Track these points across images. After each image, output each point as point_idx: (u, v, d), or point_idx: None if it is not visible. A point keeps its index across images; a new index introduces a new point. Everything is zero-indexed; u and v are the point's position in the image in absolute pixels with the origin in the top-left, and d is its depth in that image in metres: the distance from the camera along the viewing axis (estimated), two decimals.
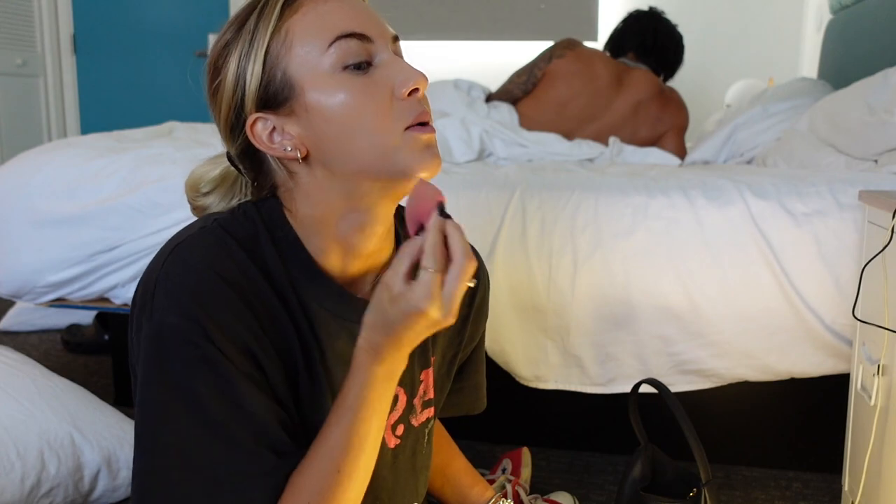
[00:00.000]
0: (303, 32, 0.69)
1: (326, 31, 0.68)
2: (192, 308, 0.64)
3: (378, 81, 0.69)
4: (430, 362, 0.88)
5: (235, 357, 0.65)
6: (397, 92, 0.69)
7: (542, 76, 2.26)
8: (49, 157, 1.71)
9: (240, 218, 0.74)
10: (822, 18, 3.24)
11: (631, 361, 1.46)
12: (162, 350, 0.65)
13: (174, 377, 0.64)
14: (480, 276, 0.95)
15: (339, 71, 0.68)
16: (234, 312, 0.66)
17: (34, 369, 1.42)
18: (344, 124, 0.68)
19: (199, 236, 0.70)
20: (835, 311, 1.38)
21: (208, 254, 0.68)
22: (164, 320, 0.64)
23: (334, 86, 0.68)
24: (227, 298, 0.66)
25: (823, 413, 1.52)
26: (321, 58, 0.68)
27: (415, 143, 0.70)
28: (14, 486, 1.17)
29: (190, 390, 0.64)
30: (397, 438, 0.84)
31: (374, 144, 0.69)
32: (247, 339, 0.66)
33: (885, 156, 1.55)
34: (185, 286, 0.65)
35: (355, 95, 0.68)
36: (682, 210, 1.44)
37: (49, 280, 1.65)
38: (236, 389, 0.65)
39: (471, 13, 4.01)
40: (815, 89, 2.21)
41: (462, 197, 1.51)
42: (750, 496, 1.50)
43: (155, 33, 4.07)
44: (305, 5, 0.70)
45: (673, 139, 2.26)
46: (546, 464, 1.60)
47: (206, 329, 0.64)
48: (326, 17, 0.69)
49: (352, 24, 0.69)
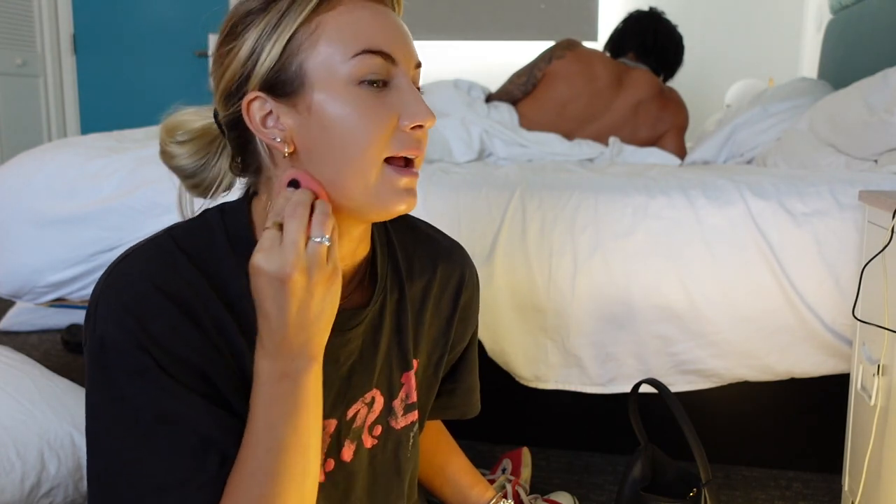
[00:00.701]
0: (332, 32, 0.67)
1: (355, 40, 0.67)
2: (129, 320, 0.65)
3: (388, 105, 0.68)
4: (410, 365, 0.86)
5: (172, 368, 0.65)
6: (402, 122, 0.69)
7: (541, 77, 2.26)
8: (49, 157, 1.71)
9: (197, 229, 0.73)
10: (822, 18, 3.24)
11: (631, 361, 1.46)
12: (101, 361, 0.65)
13: (114, 388, 0.65)
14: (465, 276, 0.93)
15: (355, 83, 0.67)
16: (171, 325, 0.66)
17: (34, 369, 1.42)
18: (340, 137, 0.67)
19: (146, 249, 0.70)
20: (835, 311, 1.38)
21: (150, 267, 0.68)
22: (103, 332, 0.65)
23: (345, 97, 0.67)
24: (164, 311, 0.66)
25: (823, 413, 1.52)
26: (342, 64, 0.67)
27: (392, 184, 0.69)
28: (14, 486, 1.17)
29: (128, 401, 0.65)
30: (374, 439, 0.83)
31: (358, 167, 0.68)
32: (184, 352, 0.66)
33: (885, 156, 1.55)
34: (123, 299, 0.66)
35: (362, 112, 0.67)
36: (682, 210, 1.44)
37: (49, 280, 1.65)
38: (173, 400, 0.65)
39: (471, 13, 4.01)
40: (815, 89, 2.20)
41: (462, 197, 1.51)
42: (750, 496, 1.50)
43: (155, 33, 4.07)
44: (344, 4, 0.68)
45: (673, 139, 2.27)
46: (546, 464, 1.60)
47: (142, 341, 0.64)
48: (359, 25, 0.68)
49: (381, 41, 0.68)
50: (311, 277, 0.62)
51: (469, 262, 0.95)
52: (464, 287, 0.93)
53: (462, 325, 0.95)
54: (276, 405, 0.65)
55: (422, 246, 0.90)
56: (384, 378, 0.83)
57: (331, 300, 0.65)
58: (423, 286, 0.89)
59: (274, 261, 0.62)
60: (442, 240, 0.94)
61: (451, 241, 0.95)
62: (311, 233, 0.63)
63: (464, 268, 0.94)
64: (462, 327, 0.95)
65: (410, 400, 0.87)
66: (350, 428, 0.81)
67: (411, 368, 0.86)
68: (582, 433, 1.67)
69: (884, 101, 1.57)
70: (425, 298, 0.89)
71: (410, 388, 0.87)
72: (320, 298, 0.64)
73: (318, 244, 0.63)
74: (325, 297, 0.64)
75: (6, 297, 1.74)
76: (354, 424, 0.81)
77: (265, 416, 0.65)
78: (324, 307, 0.65)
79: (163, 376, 0.65)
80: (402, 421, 0.86)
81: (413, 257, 0.88)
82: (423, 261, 0.89)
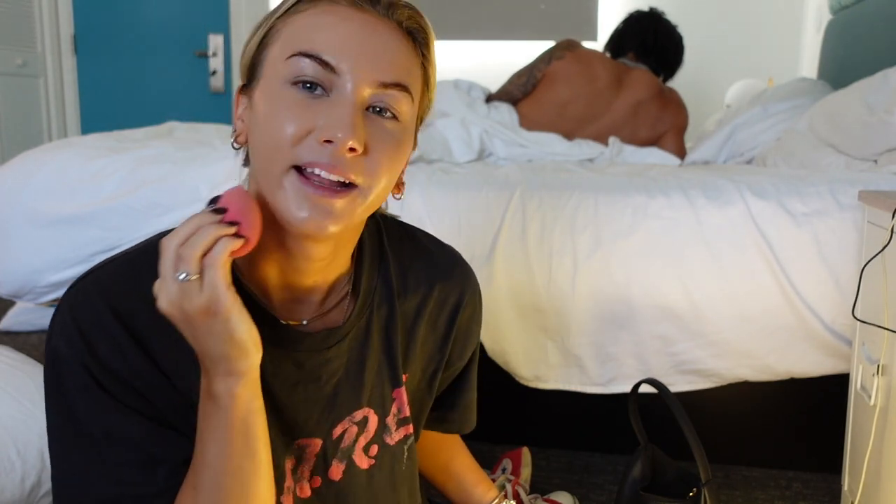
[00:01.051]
0: (288, 32, 0.67)
1: (297, 41, 0.65)
2: (77, 339, 0.66)
3: (311, 111, 0.64)
4: (401, 381, 0.83)
5: (115, 389, 0.66)
6: (315, 132, 0.63)
7: (541, 77, 2.26)
8: (49, 157, 1.71)
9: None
10: (822, 18, 3.24)
11: (631, 361, 1.46)
12: (52, 372, 0.67)
13: (64, 400, 0.66)
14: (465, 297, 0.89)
15: (288, 84, 0.64)
16: (116, 348, 0.66)
17: (34, 369, 1.42)
18: (259, 133, 0.66)
19: (114, 265, 0.70)
20: (835, 310, 1.38)
21: (109, 286, 0.68)
22: (56, 345, 0.66)
23: (274, 95, 0.65)
24: (112, 333, 0.66)
25: (823, 413, 1.52)
26: (279, 63, 0.66)
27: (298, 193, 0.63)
28: (14, 485, 1.17)
29: (78, 415, 0.66)
30: (371, 459, 0.82)
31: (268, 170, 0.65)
32: (128, 375, 0.66)
33: (884, 156, 1.55)
34: (76, 316, 0.66)
35: (280, 112, 0.64)
36: (682, 210, 1.44)
37: (49, 280, 1.65)
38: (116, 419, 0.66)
39: (471, 13, 4.01)
40: (815, 89, 2.21)
41: (462, 197, 1.51)
42: (750, 496, 1.50)
43: (155, 33, 4.07)
44: (317, 7, 0.66)
45: (673, 139, 2.27)
46: (546, 464, 1.60)
47: (87, 361, 0.65)
48: (312, 28, 0.65)
49: (325, 47, 0.64)
50: (183, 312, 0.60)
51: (470, 280, 0.90)
52: (462, 308, 0.88)
53: (460, 345, 0.91)
54: (204, 423, 0.65)
55: (420, 260, 0.86)
56: (376, 395, 0.81)
57: (218, 331, 0.61)
58: (418, 303, 0.85)
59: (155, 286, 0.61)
60: (442, 256, 0.88)
61: (452, 258, 0.89)
62: (175, 267, 0.60)
63: (464, 287, 0.89)
64: (460, 346, 0.92)
65: (403, 414, 0.85)
66: (337, 447, 0.79)
67: (402, 384, 0.84)
68: (582, 433, 1.67)
69: (884, 101, 1.57)
70: (419, 315, 0.85)
71: (402, 402, 0.84)
72: (203, 331, 0.61)
73: (179, 280, 0.59)
74: (209, 329, 0.61)
75: (6, 297, 1.74)
76: (342, 444, 0.79)
77: (199, 435, 0.65)
78: (209, 337, 0.61)
79: (105, 396, 0.66)
80: (395, 436, 0.84)
81: (408, 272, 0.84)
82: (420, 276, 0.85)
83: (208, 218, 0.62)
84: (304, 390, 0.75)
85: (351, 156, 0.63)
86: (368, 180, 0.65)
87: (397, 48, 0.67)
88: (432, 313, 0.86)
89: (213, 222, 0.61)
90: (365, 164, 0.65)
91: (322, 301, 0.77)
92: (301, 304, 0.75)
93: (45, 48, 3.99)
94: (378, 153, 0.65)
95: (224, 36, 4.01)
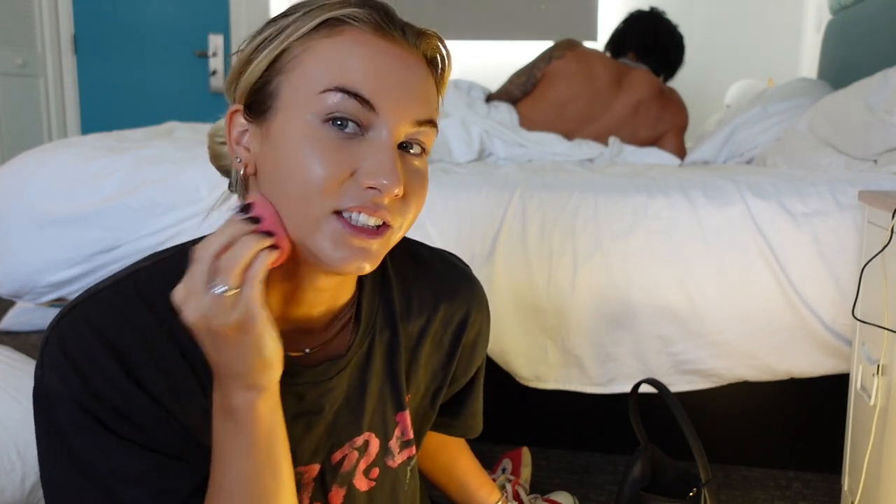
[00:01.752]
0: (316, 59, 0.62)
1: (332, 73, 0.61)
2: (72, 375, 0.63)
3: (349, 153, 0.61)
4: (404, 404, 0.81)
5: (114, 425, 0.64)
6: (359, 177, 0.61)
7: (541, 77, 2.26)
8: (49, 157, 1.71)
9: (166, 268, 0.68)
10: (822, 18, 3.23)
11: (631, 361, 1.46)
12: (45, 410, 0.64)
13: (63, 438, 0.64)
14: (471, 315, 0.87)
15: (320, 121, 0.61)
16: (113, 382, 0.64)
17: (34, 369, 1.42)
18: (288, 173, 0.61)
19: (104, 295, 0.66)
20: (835, 311, 1.38)
21: (103, 318, 0.65)
22: (48, 382, 0.64)
23: (303, 131, 0.61)
24: (108, 367, 0.64)
25: (823, 413, 1.52)
26: (310, 96, 0.61)
27: (336, 236, 0.61)
28: (14, 486, 1.17)
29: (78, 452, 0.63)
30: (371, 481, 0.80)
31: (302, 212, 0.61)
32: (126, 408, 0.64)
33: (884, 156, 1.55)
34: (68, 351, 0.63)
35: (314, 152, 0.60)
36: (682, 210, 1.44)
37: (49, 280, 1.65)
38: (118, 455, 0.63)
39: (471, 13, 4.01)
40: (815, 89, 2.21)
41: (462, 197, 1.51)
42: (750, 496, 1.50)
43: (155, 33, 4.07)
44: (345, 35, 0.62)
45: (673, 139, 2.27)
46: (546, 464, 1.60)
47: (84, 399, 0.63)
48: (347, 59, 0.61)
49: (363, 82, 0.61)
50: (212, 327, 0.57)
51: (476, 296, 0.87)
52: (467, 326, 0.86)
53: (465, 362, 0.90)
54: (220, 441, 0.63)
55: (424, 280, 0.83)
56: (378, 420, 0.79)
57: (250, 344, 0.59)
58: (422, 325, 0.82)
59: (179, 296, 0.58)
60: (448, 274, 0.86)
61: (458, 274, 0.87)
62: (211, 279, 0.57)
63: (470, 305, 0.86)
64: (465, 363, 0.90)
65: (406, 437, 0.83)
66: (337, 473, 0.77)
67: (405, 408, 0.82)
68: (582, 433, 1.67)
69: (884, 101, 1.57)
70: (422, 337, 0.83)
71: (406, 426, 0.82)
72: (234, 345, 0.59)
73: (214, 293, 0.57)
74: (240, 343, 0.58)
75: (6, 297, 1.74)
76: (342, 469, 0.77)
77: (217, 455, 0.63)
78: (240, 352, 0.59)
79: (105, 432, 0.63)
80: (398, 458, 0.82)
81: (412, 294, 0.82)
82: (424, 298, 0.82)
83: (244, 227, 0.59)
84: (305, 422, 0.73)
85: (391, 200, 0.62)
86: (401, 220, 0.65)
87: (425, 82, 0.65)
88: (437, 332, 0.84)
89: (250, 232, 0.58)
90: (400, 207, 0.64)
91: (324, 329, 0.74)
92: (303, 333, 0.73)
93: (45, 48, 3.99)
94: (412, 195, 0.65)
95: (224, 36, 4.01)
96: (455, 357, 0.87)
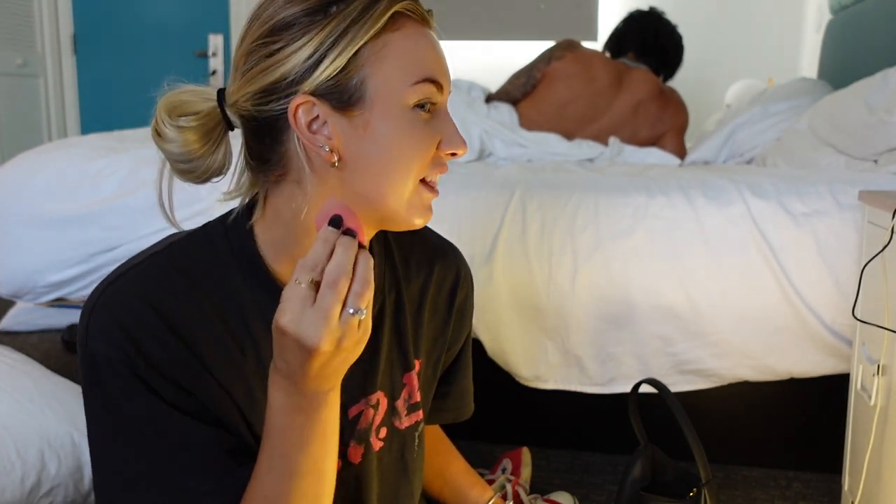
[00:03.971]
0: (399, 53, 0.68)
1: (418, 67, 0.69)
2: (122, 340, 0.65)
3: (433, 130, 0.71)
4: (412, 364, 0.86)
5: (163, 390, 0.66)
6: (442, 147, 0.72)
7: (540, 78, 2.26)
8: (49, 157, 1.71)
9: (200, 244, 0.73)
10: (822, 18, 3.24)
11: (631, 361, 1.46)
12: (94, 377, 0.66)
13: (112, 404, 0.66)
14: (461, 276, 0.94)
15: (412, 108, 0.69)
16: (164, 346, 0.66)
17: (34, 369, 1.42)
18: (391, 156, 0.69)
19: (143, 267, 0.70)
20: (835, 311, 1.38)
21: (147, 286, 0.68)
22: (96, 349, 0.66)
23: (401, 119, 0.69)
24: (158, 332, 0.66)
25: (823, 413, 1.52)
26: (403, 88, 0.68)
27: (421, 201, 0.73)
28: (14, 486, 1.17)
29: (128, 418, 0.66)
30: (381, 441, 0.84)
31: (399, 185, 0.70)
32: (175, 373, 0.67)
33: (884, 156, 1.55)
34: (116, 320, 0.66)
35: (413, 136, 0.69)
36: (682, 210, 1.44)
37: (49, 280, 1.65)
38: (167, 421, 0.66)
39: (471, 13, 4.01)
40: (815, 89, 2.21)
41: (462, 197, 1.51)
42: (750, 496, 1.50)
43: (155, 33, 4.07)
44: (407, 27, 0.69)
45: (673, 139, 2.27)
46: (546, 464, 1.60)
47: (134, 362, 0.65)
48: (422, 52, 0.70)
49: (436, 70, 0.71)
50: (339, 345, 0.59)
51: (464, 262, 0.96)
52: (459, 286, 0.93)
53: (458, 326, 0.95)
54: (289, 435, 0.64)
55: (418, 245, 0.90)
56: (387, 379, 0.83)
57: (355, 355, 0.63)
58: (421, 285, 0.88)
59: (303, 328, 0.58)
60: (437, 240, 0.94)
61: (446, 242, 0.95)
62: (348, 302, 0.59)
63: (459, 268, 0.94)
64: (458, 328, 0.95)
65: (413, 400, 0.87)
66: (354, 429, 0.81)
67: (413, 368, 0.86)
68: (582, 433, 1.67)
69: (884, 101, 1.57)
70: (423, 298, 0.88)
71: (413, 388, 0.86)
72: (343, 358, 0.62)
73: (351, 316, 0.59)
74: (348, 357, 0.62)
75: (6, 297, 1.74)
76: (359, 425, 0.81)
77: (280, 445, 0.65)
78: (346, 362, 0.63)
79: (154, 398, 0.66)
80: (405, 421, 0.86)
81: (410, 257, 0.88)
82: (420, 260, 0.89)
83: (353, 246, 0.61)
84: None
85: None
86: None
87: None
88: (433, 294, 0.90)
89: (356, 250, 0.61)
90: None
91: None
92: None
93: (45, 48, 3.99)
94: None
95: (224, 36, 4.01)
96: (451, 320, 0.93)
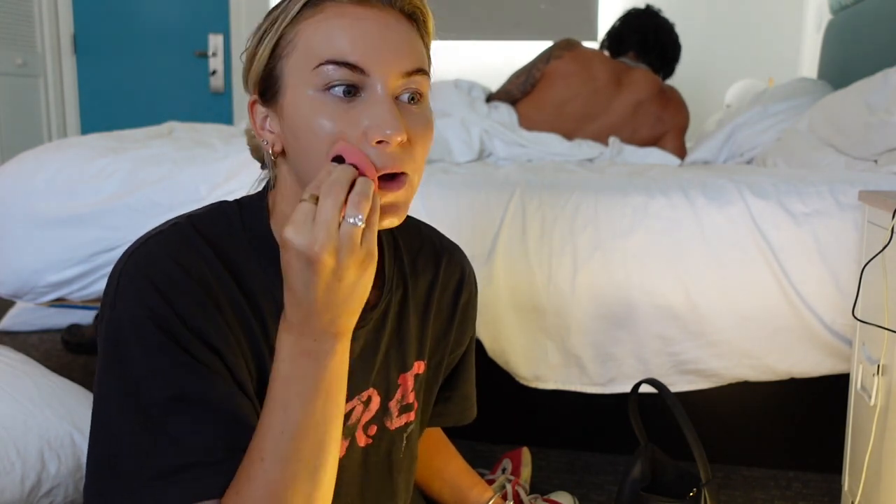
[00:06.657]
0: (306, 39, 0.67)
1: (322, 49, 0.66)
2: (154, 297, 0.65)
3: (354, 115, 0.66)
4: (409, 366, 0.86)
5: (192, 347, 0.65)
6: (367, 136, 0.65)
7: (540, 77, 2.26)
8: (49, 157, 1.71)
9: (215, 215, 0.74)
10: (822, 18, 3.24)
11: (631, 361, 1.46)
12: (121, 339, 0.65)
13: (128, 366, 0.64)
14: (466, 275, 0.94)
15: (321, 91, 0.66)
16: (196, 304, 0.66)
17: (34, 369, 1.41)
18: (308, 142, 0.67)
19: (168, 232, 0.71)
20: (835, 310, 1.38)
21: (174, 248, 0.69)
22: (127, 310, 0.65)
23: (310, 104, 0.66)
24: (189, 290, 0.67)
25: (823, 413, 1.52)
26: (307, 73, 0.67)
27: None
28: (14, 486, 1.17)
29: (142, 380, 0.64)
30: (369, 438, 0.83)
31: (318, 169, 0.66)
32: (206, 331, 0.66)
33: (884, 156, 1.55)
34: (148, 278, 0.66)
35: (324, 121, 0.66)
36: (682, 210, 1.44)
37: (49, 280, 1.65)
38: (191, 379, 0.65)
39: (471, 13, 4.01)
40: (815, 89, 2.21)
41: (462, 197, 1.51)
42: (750, 496, 1.50)
43: (155, 33, 4.07)
44: (326, 11, 0.67)
45: (673, 139, 2.26)
46: (546, 464, 1.60)
47: (165, 318, 0.65)
48: (331, 34, 0.66)
49: (349, 51, 0.66)
50: (340, 260, 0.60)
51: (468, 263, 0.96)
52: (464, 285, 0.93)
53: (461, 327, 0.94)
54: (292, 384, 0.64)
55: (425, 244, 0.91)
56: (382, 378, 0.83)
57: (363, 285, 0.63)
58: (428, 285, 0.89)
59: (304, 236, 0.59)
60: (443, 240, 0.94)
61: (451, 242, 0.95)
62: (346, 212, 0.60)
63: (464, 267, 0.94)
64: (461, 329, 0.95)
65: (406, 401, 0.86)
66: (344, 425, 0.80)
67: (409, 369, 0.86)
68: (582, 433, 1.67)
69: (884, 101, 1.57)
70: (429, 297, 0.89)
71: (407, 389, 0.86)
72: (350, 282, 0.61)
73: (350, 225, 0.60)
74: (355, 282, 0.62)
75: (6, 297, 1.74)
76: (349, 422, 0.81)
77: (281, 396, 0.64)
78: (353, 291, 0.62)
79: (183, 355, 0.65)
80: (396, 422, 0.86)
81: (417, 256, 0.88)
82: (427, 259, 0.89)
83: (350, 168, 0.63)
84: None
85: (400, 149, 0.67)
86: (413, 166, 0.69)
87: (408, 35, 0.70)
88: (439, 294, 0.90)
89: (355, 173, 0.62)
90: (411, 153, 0.68)
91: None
92: None
93: (45, 48, 3.99)
94: (417, 139, 0.69)
95: (224, 36, 4.01)
96: (454, 321, 0.92)
